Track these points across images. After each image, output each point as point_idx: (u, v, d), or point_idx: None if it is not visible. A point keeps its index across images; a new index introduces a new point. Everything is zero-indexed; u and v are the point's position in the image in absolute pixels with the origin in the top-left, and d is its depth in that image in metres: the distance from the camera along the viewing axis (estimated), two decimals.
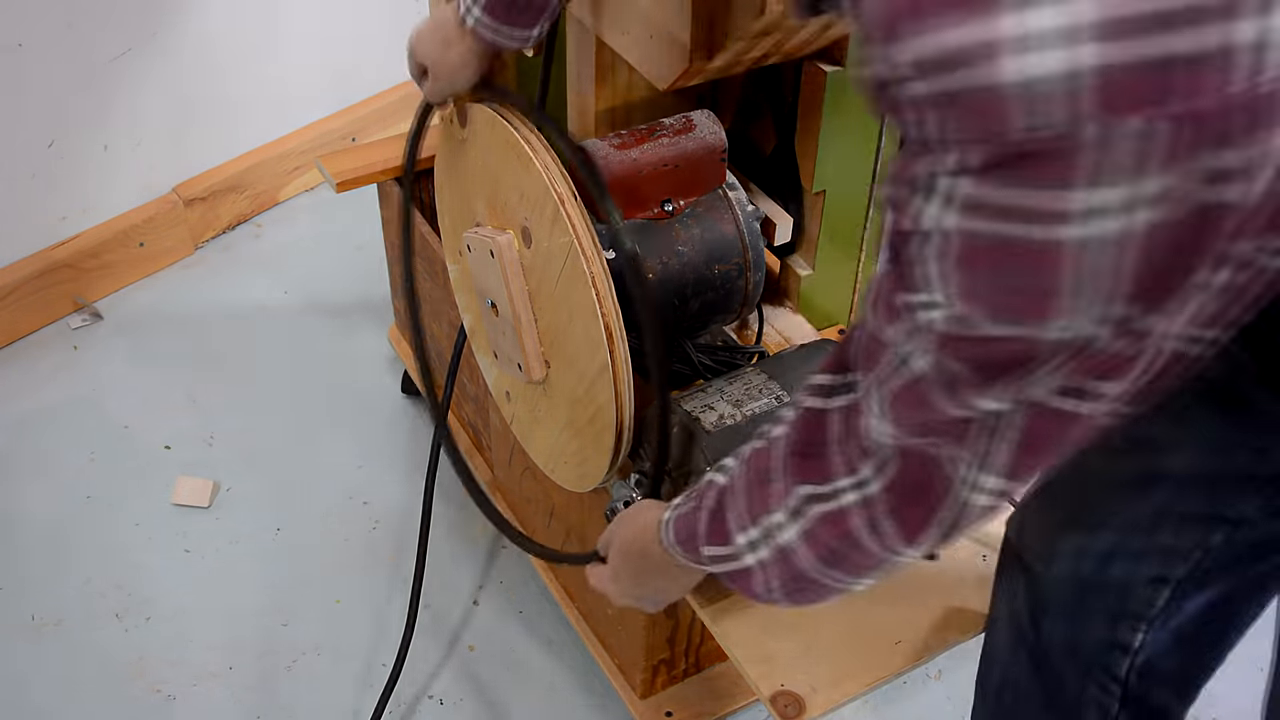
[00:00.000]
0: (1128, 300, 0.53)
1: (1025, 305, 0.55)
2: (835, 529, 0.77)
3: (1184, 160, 0.48)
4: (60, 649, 1.59)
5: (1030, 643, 1.06)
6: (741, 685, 1.46)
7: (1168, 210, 0.49)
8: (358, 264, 2.16)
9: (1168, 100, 0.46)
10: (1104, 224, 0.50)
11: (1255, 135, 0.48)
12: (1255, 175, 0.49)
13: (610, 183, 1.17)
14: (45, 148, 1.92)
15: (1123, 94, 0.46)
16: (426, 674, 1.58)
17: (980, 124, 0.49)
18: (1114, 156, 0.48)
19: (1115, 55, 0.45)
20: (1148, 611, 0.97)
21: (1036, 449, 0.64)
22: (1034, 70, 0.46)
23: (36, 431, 1.86)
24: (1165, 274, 0.52)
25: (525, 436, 1.33)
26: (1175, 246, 0.51)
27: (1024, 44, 0.46)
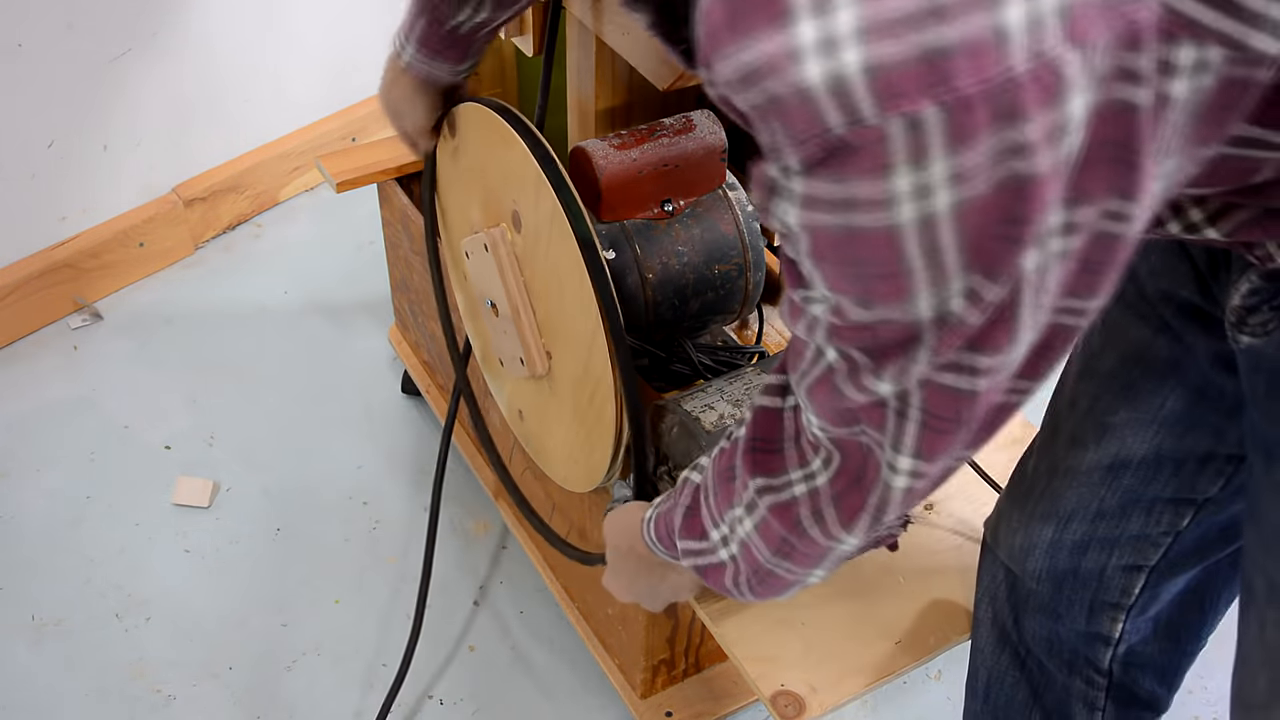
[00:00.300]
0: (966, 273, 0.57)
1: (879, 289, 0.59)
2: (784, 519, 0.79)
3: (978, 138, 0.52)
4: (60, 649, 1.59)
5: (1013, 642, 1.06)
6: (741, 685, 1.46)
7: (975, 186, 0.53)
8: (358, 264, 2.16)
9: (950, 85, 0.50)
10: (921, 204, 0.54)
11: (1049, 106, 0.52)
12: (1058, 143, 0.53)
13: (610, 183, 1.18)
14: (45, 148, 1.92)
15: (905, 84, 0.51)
16: (427, 674, 1.58)
17: (796, 126, 0.54)
18: (913, 142, 0.52)
19: (892, 50, 0.50)
20: (1125, 600, 0.98)
21: (940, 427, 0.67)
22: (826, 72, 0.51)
23: (36, 431, 1.86)
24: (993, 246, 0.56)
25: (540, 453, 1.33)
26: (994, 218, 0.55)
27: (815, 49, 0.51)
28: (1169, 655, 1.04)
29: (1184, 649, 1.04)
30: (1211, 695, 1.57)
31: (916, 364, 0.63)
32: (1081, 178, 0.56)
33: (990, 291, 0.58)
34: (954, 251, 0.56)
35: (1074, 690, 1.04)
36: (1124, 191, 0.57)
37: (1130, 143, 0.55)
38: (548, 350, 1.18)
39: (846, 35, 0.51)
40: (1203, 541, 0.95)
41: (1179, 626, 1.02)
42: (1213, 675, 1.55)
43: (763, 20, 0.52)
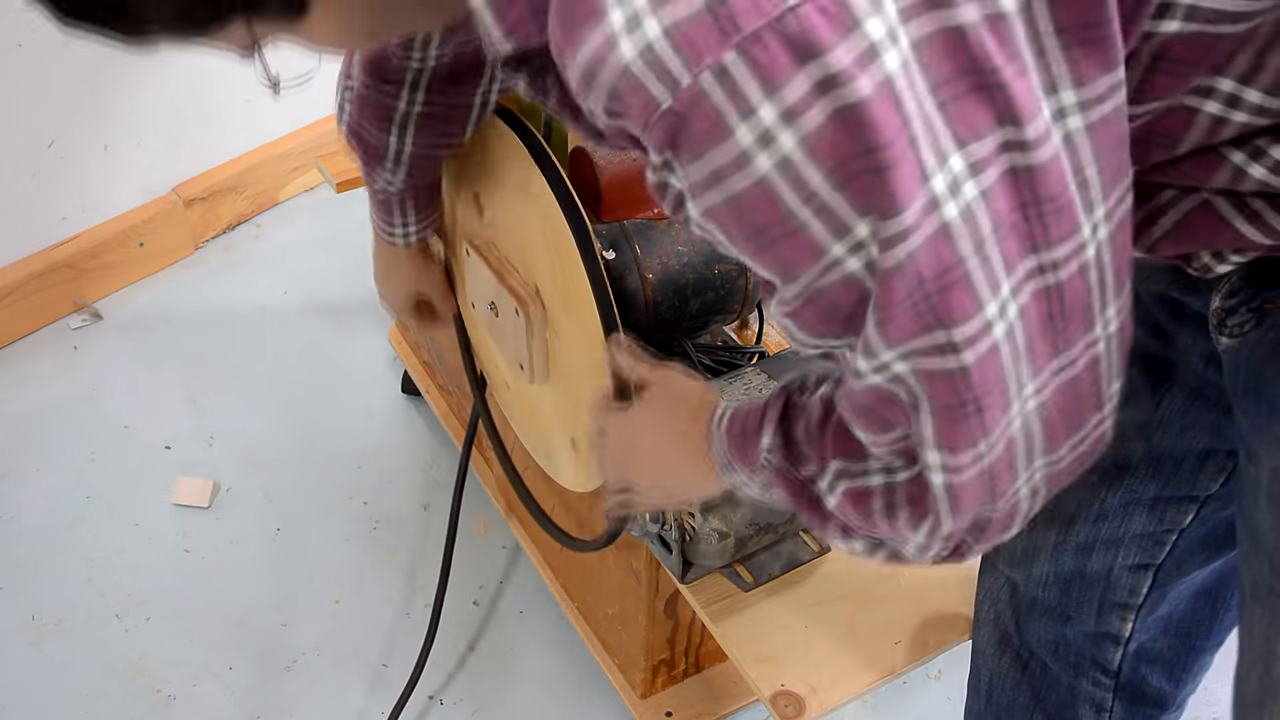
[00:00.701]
0: (859, 214, 0.57)
1: (789, 253, 0.60)
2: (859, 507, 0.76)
3: (787, 74, 0.53)
4: (60, 649, 1.59)
5: (1015, 645, 1.06)
6: (741, 685, 1.46)
7: (811, 119, 0.54)
8: (358, 264, 2.15)
9: (737, 27, 0.53)
10: (771, 149, 0.55)
11: (844, 31, 0.53)
12: (872, 64, 0.54)
13: (610, 183, 1.18)
14: (45, 148, 1.92)
15: (702, 38, 0.53)
16: (428, 674, 1.58)
17: (636, 113, 0.57)
18: (731, 91, 0.54)
19: (683, 9, 0.53)
20: (1133, 600, 0.98)
21: (951, 414, 0.65)
22: (636, 46, 0.55)
23: (36, 431, 1.86)
24: (863, 179, 0.56)
25: (540, 452, 1.33)
26: (848, 151, 0.55)
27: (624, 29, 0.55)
28: (1178, 652, 1.04)
29: (1194, 645, 1.04)
30: (1211, 696, 1.57)
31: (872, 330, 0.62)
32: (956, 113, 0.56)
33: (887, 228, 0.57)
34: (830, 192, 0.56)
35: (1080, 692, 1.04)
36: (1008, 117, 0.57)
37: (982, 64, 0.56)
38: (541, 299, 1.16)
39: (644, 7, 0.54)
40: (1209, 539, 0.95)
41: (1190, 625, 1.02)
42: (1215, 675, 1.55)
43: (585, 21, 0.56)
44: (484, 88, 1.09)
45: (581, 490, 1.26)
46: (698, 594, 1.19)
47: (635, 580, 1.32)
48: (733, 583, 1.18)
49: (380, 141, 1.13)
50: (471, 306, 1.29)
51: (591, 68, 0.57)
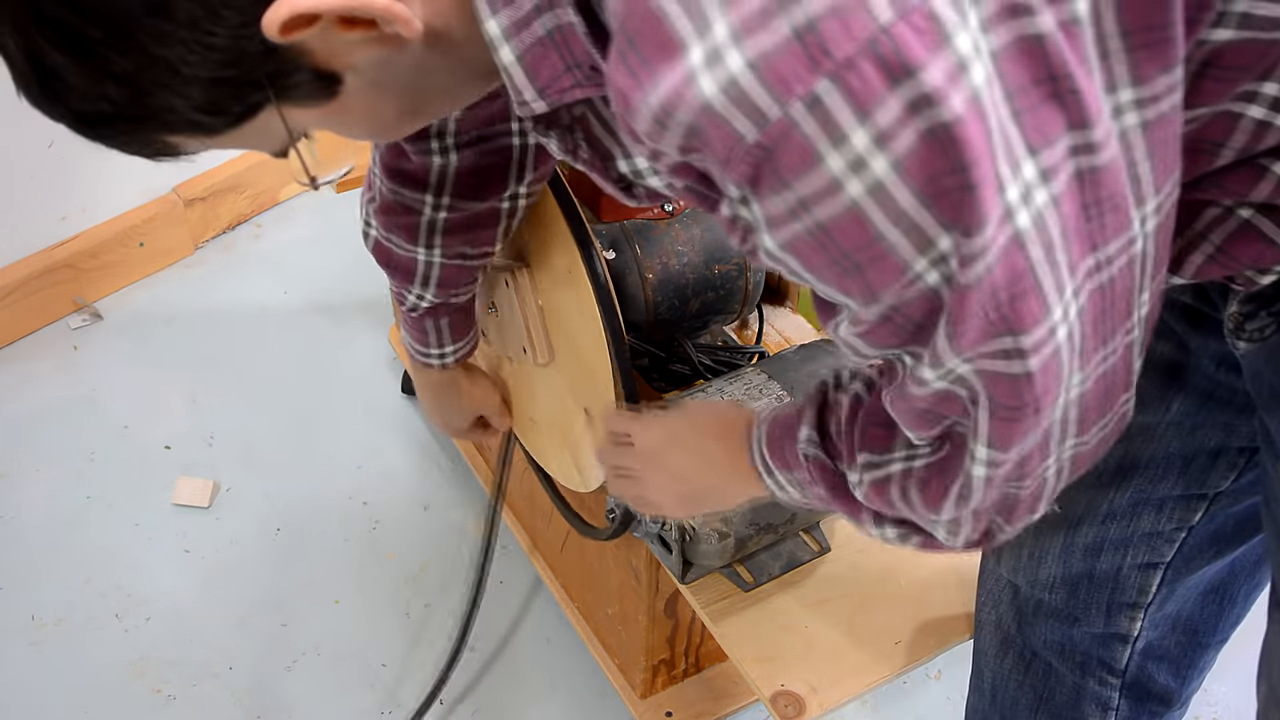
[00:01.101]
0: (944, 230, 0.57)
1: (876, 274, 0.59)
2: (880, 494, 0.78)
3: (880, 96, 0.52)
4: (60, 649, 1.59)
5: (1017, 647, 1.06)
6: (741, 685, 1.46)
7: (903, 142, 0.54)
8: (358, 264, 2.15)
9: (829, 54, 0.52)
10: (864, 175, 0.54)
11: (937, 48, 0.52)
12: (962, 81, 0.53)
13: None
14: (45, 148, 1.92)
15: (790, 68, 0.52)
16: (427, 674, 1.58)
17: (718, 150, 0.55)
18: (823, 120, 0.53)
19: (767, 40, 0.52)
20: (1143, 599, 0.98)
21: (1009, 415, 0.66)
22: (719, 81, 0.53)
23: (36, 431, 1.86)
24: (952, 197, 0.56)
25: (541, 452, 1.33)
26: (939, 169, 0.55)
27: (704, 65, 0.53)
28: (1185, 649, 1.04)
29: (1200, 642, 1.04)
30: (1211, 696, 1.57)
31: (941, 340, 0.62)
32: (1031, 122, 0.56)
33: (968, 245, 0.57)
34: (919, 209, 0.56)
35: (1086, 691, 1.04)
36: (1078, 121, 0.57)
37: (1058, 71, 0.56)
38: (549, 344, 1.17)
39: (725, 42, 0.52)
40: (1218, 535, 0.95)
41: (1198, 622, 1.02)
42: (1214, 676, 1.55)
43: (658, 60, 0.54)
44: (510, 191, 1.05)
45: (581, 490, 1.26)
46: (698, 594, 1.19)
47: (635, 580, 1.32)
48: (733, 583, 1.18)
49: (409, 254, 1.08)
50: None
51: (667, 107, 0.55)
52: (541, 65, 0.63)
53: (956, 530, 0.77)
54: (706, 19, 0.52)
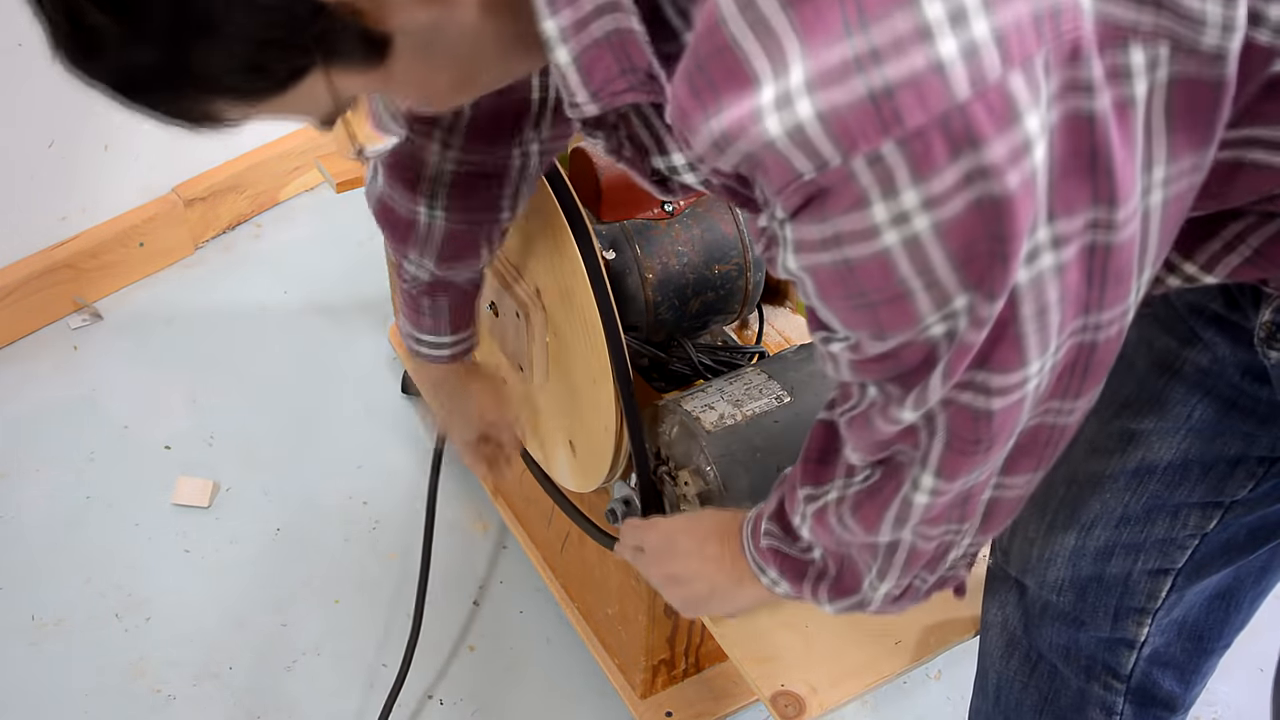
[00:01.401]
0: (965, 290, 0.58)
1: (888, 317, 0.61)
2: (820, 523, 0.82)
3: (941, 166, 0.54)
4: (60, 649, 1.59)
5: (1023, 649, 1.06)
6: (741, 685, 1.46)
7: (951, 208, 0.55)
8: (358, 264, 2.16)
9: (901, 121, 0.53)
10: (903, 228, 0.56)
11: (1005, 128, 0.53)
12: (1022, 160, 0.54)
13: (610, 183, 1.18)
14: (45, 148, 1.92)
15: (859, 126, 0.53)
16: (427, 674, 1.58)
17: (773, 178, 0.57)
18: (880, 176, 0.54)
19: (840, 96, 0.53)
20: (1151, 605, 0.98)
21: (962, 448, 0.68)
22: (785, 125, 0.54)
23: (36, 431, 1.86)
24: (983, 263, 0.57)
25: (541, 453, 1.33)
26: (978, 236, 0.56)
27: (774, 106, 0.54)
28: (1190, 655, 1.03)
29: (1206, 648, 1.04)
30: (1211, 696, 1.57)
31: (934, 387, 0.64)
32: (1059, 191, 0.57)
33: (987, 308, 0.59)
34: (947, 270, 0.58)
35: (1090, 695, 1.04)
36: (1105, 199, 0.58)
37: (1100, 150, 0.57)
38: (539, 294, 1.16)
39: (798, 89, 0.53)
40: (1230, 543, 0.94)
41: (1204, 627, 1.02)
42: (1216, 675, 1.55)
43: (728, 89, 0.55)
44: (524, 140, 1.01)
45: (579, 490, 1.26)
46: None
47: (635, 580, 1.32)
48: None
49: (410, 212, 1.03)
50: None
51: (729, 136, 0.56)
52: (596, 67, 0.63)
53: (882, 578, 0.81)
54: (785, 62, 0.53)
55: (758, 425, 1.11)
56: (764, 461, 1.09)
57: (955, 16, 0.52)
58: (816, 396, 1.13)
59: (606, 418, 1.10)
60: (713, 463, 1.09)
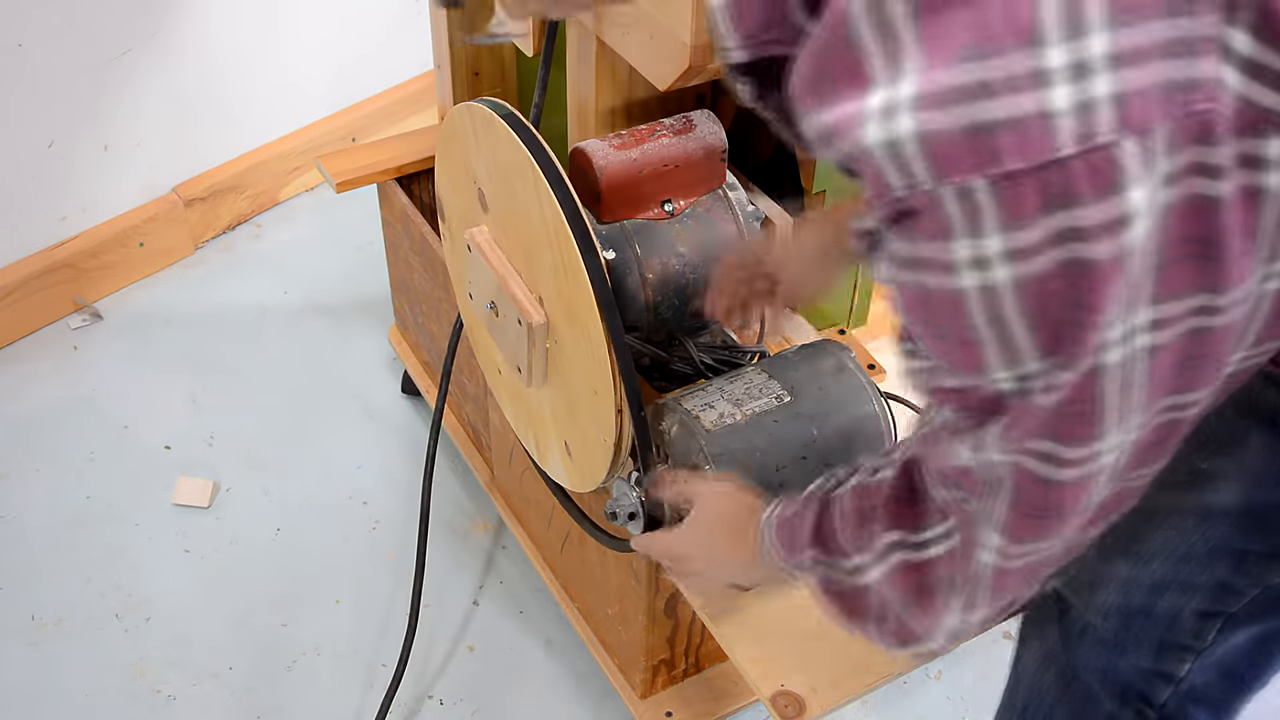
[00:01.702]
0: (1038, 353, 0.57)
1: (957, 355, 0.60)
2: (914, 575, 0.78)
3: (1032, 218, 0.52)
4: (60, 649, 1.59)
5: (1060, 664, 1.03)
6: (741, 685, 1.46)
7: (1034, 265, 0.53)
8: (358, 264, 2.16)
9: (998, 161, 0.51)
10: (982, 275, 0.54)
11: (1106, 193, 0.51)
12: (1119, 232, 0.52)
13: (610, 184, 1.18)
14: (45, 148, 1.92)
15: (955, 156, 0.52)
16: (427, 674, 1.58)
17: (870, 183, 0.55)
18: (968, 213, 0.53)
19: (941, 121, 0.51)
20: (1197, 644, 0.95)
21: (1030, 513, 0.66)
22: (882, 136, 0.53)
23: (36, 431, 1.86)
24: (1060, 329, 0.56)
25: (541, 452, 1.33)
26: (1058, 300, 0.54)
27: (878, 114, 0.53)
28: (1227, 693, 1.00)
29: (1244, 687, 1.01)
30: None
31: (991, 438, 0.63)
32: (1166, 275, 0.55)
33: (1061, 376, 0.57)
34: (1021, 328, 0.56)
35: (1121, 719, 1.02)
36: (1211, 286, 0.56)
37: (1214, 238, 0.55)
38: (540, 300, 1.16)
39: (904, 103, 0.52)
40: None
41: (1244, 668, 0.99)
42: None
43: (842, 84, 0.54)
44: None
45: (574, 490, 1.26)
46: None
47: (635, 580, 1.32)
48: None
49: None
50: (469, 297, 1.29)
51: (833, 131, 0.55)
52: (746, 12, 0.62)
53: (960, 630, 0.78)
54: (900, 69, 0.52)
55: (758, 424, 1.11)
56: (763, 460, 1.09)
57: (1077, 68, 0.50)
58: (816, 396, 1.13)
59: (606, 430, 1.10)
60: (712, 461, 1.09)
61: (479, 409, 1.65)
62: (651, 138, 1.19)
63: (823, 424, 1.11)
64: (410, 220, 1.62)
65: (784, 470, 1.08)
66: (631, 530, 1.16)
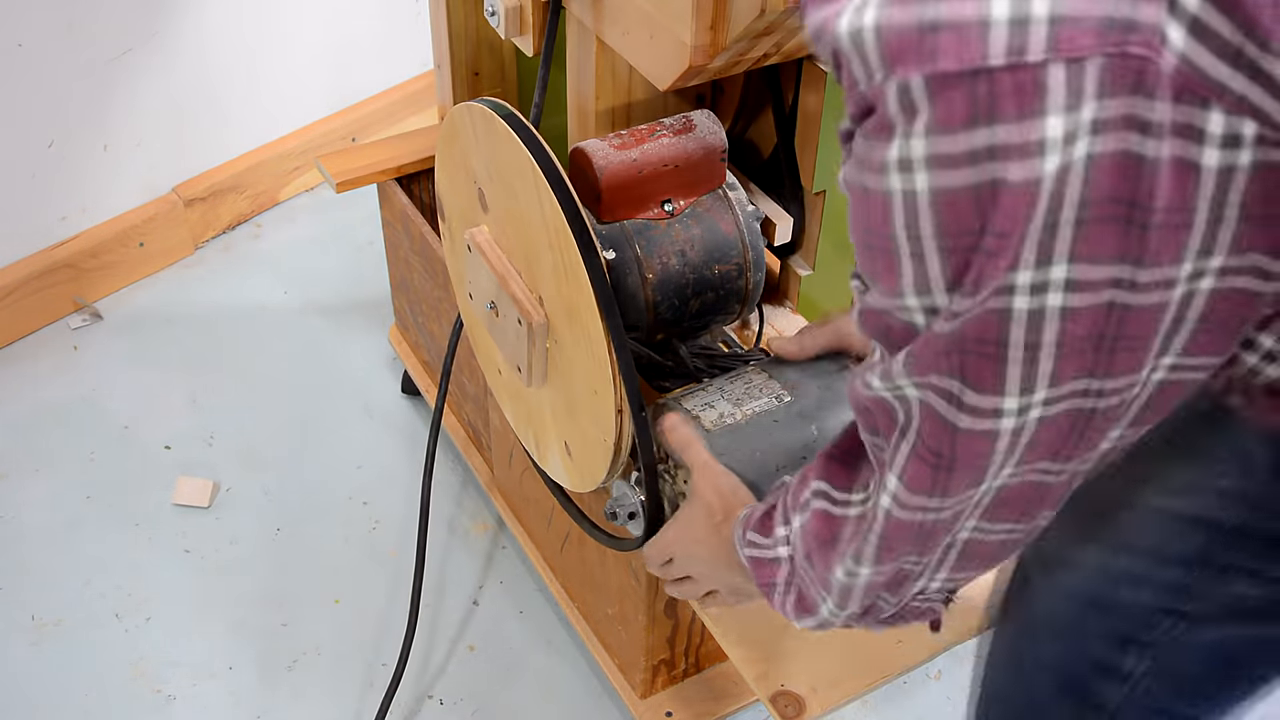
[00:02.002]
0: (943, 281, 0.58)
1: (878, 266, 0.61)
2: (826, 526, 0.80)
3: (956, 125, 0.53)
4: (60, 649, 1.59)
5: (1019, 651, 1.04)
6: (741, 685, 1.46)
7: (951, 178, 0.54)
8: (358, 264, 2.16)
9: (934, 59, 0.52)
10: (905, 178, 0.56)
11: (1025, 114, 0.52)
12: (1033, 160, 0.52)
13: (610, 183, 1.18)
14: (45, 148, 1.92)
15: (903, 50, 0.53)
16: (426, 674, 1.58)
17: (843, 79, 0.57)
18: (903, 110, 0.54)
19: (899, 15, 0.53)
20: (1147, 636, 0.93)
21: (926, 458, 0.66)
22: (850, 26, 0.55)
23: (36, 431, 1.86)
24: (966, 252, 0.56)
25: (540, 452, 1.33)
26: (967, 219, 0.55)
27: (852, 7, 0.55)
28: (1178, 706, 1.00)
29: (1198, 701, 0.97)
30: None
31: (902, 363, 0.63)
32: (1086, 232, 0.54)
33: (963, 303, 0.57)
34: (932, 248, 0.57)
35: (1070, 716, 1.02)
36: (1133, 257, 0.55)
37: (1141, 202, 0.53)
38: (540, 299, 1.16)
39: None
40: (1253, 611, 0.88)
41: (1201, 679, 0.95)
42: None
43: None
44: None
45: (573, 489, 1.26)
46: None
47: (635, 580, 1.32)
48: None
49: None
50: (469, 297, 1.29)
51: (821, 27, 0.57)
52: None
53: (845, 602, 0.80)
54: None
55: (757, 424, 1.11)
56: (763, 460, 1.09)
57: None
58: (816, 396, 1.13)
59: (606, 431, 1.10)
60: None
61: (479, 409, 1.65)
62: (651, 138, 1.19)
63: (823, 423, 1.11)
64: (410, 220, 1.62)
65: (784, 470, 1.08)
66: (632, 530, 1.16)
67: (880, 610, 0.82)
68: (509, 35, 1.29)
